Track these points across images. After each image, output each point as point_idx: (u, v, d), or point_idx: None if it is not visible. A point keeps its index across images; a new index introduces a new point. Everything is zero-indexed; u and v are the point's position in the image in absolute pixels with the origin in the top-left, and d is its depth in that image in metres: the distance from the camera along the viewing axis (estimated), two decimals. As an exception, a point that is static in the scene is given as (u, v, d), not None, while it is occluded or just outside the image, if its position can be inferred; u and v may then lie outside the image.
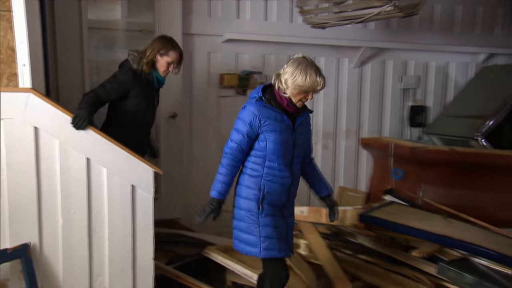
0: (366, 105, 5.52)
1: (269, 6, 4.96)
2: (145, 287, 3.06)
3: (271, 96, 2.72)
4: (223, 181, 2.76)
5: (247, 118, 2.69)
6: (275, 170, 2.76)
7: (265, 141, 2.71)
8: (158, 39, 3.37)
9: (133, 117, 3.33)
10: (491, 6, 5.85)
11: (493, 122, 4.76)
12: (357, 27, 5.06)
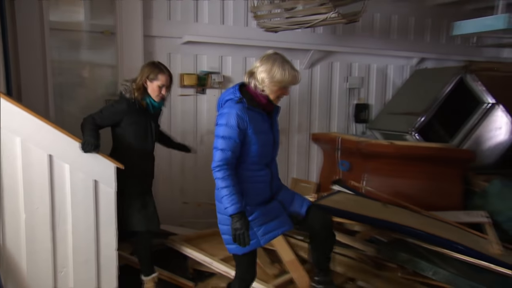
0: (316, 103, 5.54)
1: (226, 10, 4.90)
2: (109, 276, 3.01)
3: (249, 97, 2.46)
4: (233, 192, 2.36)
5: (233, 122, 2.37)
6: (255, 171, 2.54)
7: (249, 144, 2.45)
8: (146, 65, 3.21)
9: (132, 143, 3.17)
10: (421, 16, 6.01)
11: (424, 118, 4.88)
12: (307, 31, 5.08)
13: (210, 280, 3.53)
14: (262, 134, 2.47)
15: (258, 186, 2.56)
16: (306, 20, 3.92)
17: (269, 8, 4.27)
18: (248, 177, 2.51)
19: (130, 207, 3.17)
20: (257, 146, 2.45)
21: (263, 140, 2.48)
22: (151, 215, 3.25)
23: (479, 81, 4.99)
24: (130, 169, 3.07)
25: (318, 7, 3.69)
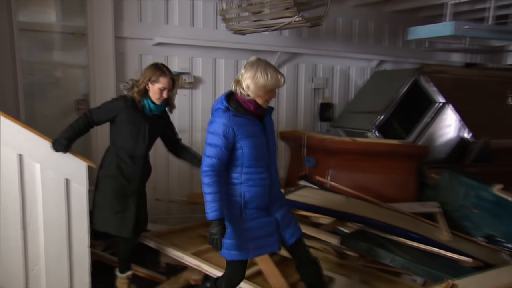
0: (283, 102, 5.53)
1: (196, 13, 4.84)
2: (82, 273, 2.93)
3: (236, 104, 2.42)
4: (215, 199, 2.37)
5: (220, 131, 2.36)
6: (254, 175, 2.47)
7: (241, 149, 2.40)
8: (149, 67, 3.02)
9: (122, 142, 3.01)
10: (380, 22, 6.08)
11: (383, 116, 4.95)
12: (274, 34, 5.09)
13: (182, 273, 3.48)
14: (254, 137, 2.42)
15: (258, 190, 2.49)
16: (273, 23, 3.94)
17: (237, 12, 4.26)
18: (248, 180, 2.46)
19: (109, 208, 3.00)
20: (250, 149, 2.41)
21: (255, 144, 2.43)
22: (127, 220, 3.03)
23: (431, 82, 5.10)
24: (116, 168, 2.98)
25: (284, 11, 3.72)
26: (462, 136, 5.16)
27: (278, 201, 2.65)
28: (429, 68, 5.31)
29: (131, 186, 3.06)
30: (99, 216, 3.03)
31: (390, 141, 4.61)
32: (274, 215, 2.57)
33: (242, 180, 2.45)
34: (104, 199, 3.00)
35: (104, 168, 3.04)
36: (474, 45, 4.45)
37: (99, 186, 3.02)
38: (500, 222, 3.73)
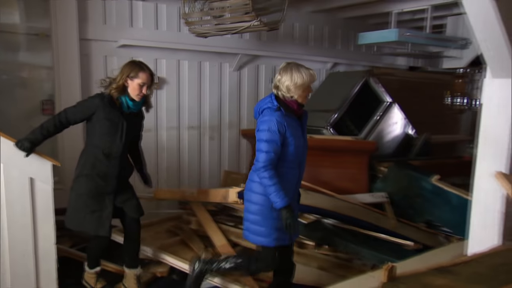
0: (244, 101, 5.56)
1: (159, 16, 4.77)
2: (48, 269, 2.84)
3: (283, 105, 2.51)
4: (280, 189, 2.43)
5: (275, 127, 2.43)
6: (290, 169, 2.55)
7: (287, 146, 2.48)
8: (127, 64, 2.91)
9: (99, 141, 2.86)
10: (334, 27, 6.19)
11: (337, 115, 5.03)
12: (235, 37, 5.09)
13: (149, 267, 3.47)
14: (296, 137, 2.51)
15: (288, 185, 2.54)
16: (233, 27, 3.94)
17: (199, 15, 4.23)
18: (283, 175, 2.51)
19: (84, 207, 2.87)
20: (293, 147, 2.49)
21: (296, 142, 2.51)
22: (104, 219, 2.90)
23: (379, 83, 5.22)
24: (91, 167, 2.85)
25: (243, 15, 3.73)
26: (406, 133, 5.30)
27: (298, 197, 2.76)
28: (377, 70, 5.46)
29: (107, 184, 2.90)
30: (74, 216, 2.90)
31: (344, 138, 4.71)
32: (295, 211, 2.61)
33: (285, 174, 2.51)
34: (78, 199, 2.87)
35: (78, 168, 2.91)
36: (415, 50, 4.64)
37: (74, 186, 2.89)
38: (438, 209, 3.91)
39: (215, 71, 5.24)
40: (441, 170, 4.22)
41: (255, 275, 2.90)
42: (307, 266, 3.27)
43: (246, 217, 2.67)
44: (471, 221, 2.10)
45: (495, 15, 1.62)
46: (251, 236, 2.64)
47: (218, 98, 5.32)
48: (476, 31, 1.75)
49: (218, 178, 5.35)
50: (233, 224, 3.72)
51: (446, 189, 3.79)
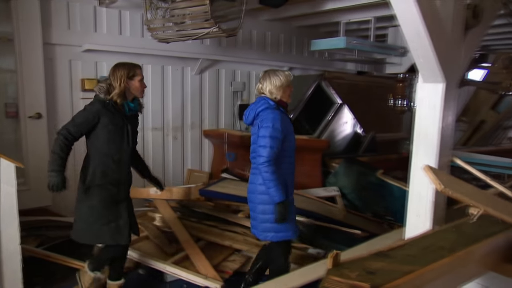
0: (206, 103, 5.54)
1: (123, 22, 4.68)
2: (13, 270, 2.71)
3: (280, 105, 2.62)
4: (278, 184, 2.48)
5: (278, 125, 2.49)
6: (288, 164, 2.64)
7: (288, 142, 2.58)
8: (118, 67, 2.63)
9: (106, 148, 2.61)
10: (289, 34, 6.30)
11: (292, 115, 5.10)
12: (197, 42, 5.07)
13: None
14: (292, 134, 2.63)
15: (290, 177, 2.66)
16: (193, 33, 3.94)
17: (161, 22, 4.19)
18: (286, 169, 2.61)
19: (99, 219, 2.63)
20: (291, 143, 2.60)
21: (292, 137, 2.63)
22: (122, 227, 2.68)
23: (331, 86, 5.36)
24: (102, 176, 2.60)
25: (203, 22, 3.74)
26: (355, 131, 5.45)
27: None
28: (329, 74, 5.57)
29: (119, 192, 2.71)
30: (88, 230, 2.65)
31: (300, 137, 4.78)
32: (294, 204, 2.73)
33: (286, 168, 2.61)
34: (92, 211, 2.62)
35: (87, 178, 2.62)
36: (361, 56, 4.80)
37: (84, 198, 2.62)
38: (382, 200, 4.07)
39: (177, 75, 5.20)
40: (385, 165, 4.41)
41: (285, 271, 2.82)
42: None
43: (254, 217, 2.69)
44: (408, 210, 2.22)
45: (424, 28, 1.74)
46: (262, 234, 2.65)
47: (181, 100, 5.29)
48: (408, 41, 1.86)
49: (182, 176, 5.32)
50: (196, 220, 3.71)
51: (389, 182, 3.95)
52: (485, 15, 1.98)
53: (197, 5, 3.66)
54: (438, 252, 1.42)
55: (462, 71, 2.08)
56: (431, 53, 1.85)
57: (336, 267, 1.22)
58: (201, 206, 3.89)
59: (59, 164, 2.51)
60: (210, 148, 5.55)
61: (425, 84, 2.05)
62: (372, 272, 1.23)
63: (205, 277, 3.00)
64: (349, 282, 1.12)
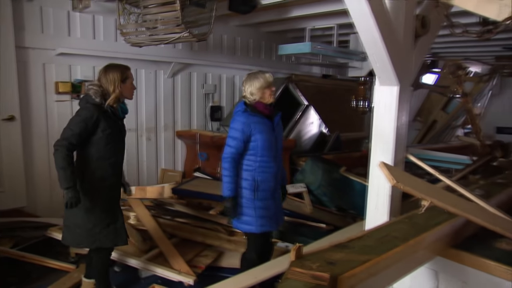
0: (178, 105, 5.50)
1: (97, 27, 4.59)
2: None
3: (251, 107, 2.66)
4: (231, 181, 2.62)
5: (239, 127, 2.60)
6: (265, 163, 2.65)
7: (256, 142, 2.61)
8: (110, 70, 2.50)
9: (103, 152, 2.49)
10: (257, 39, 6.34)
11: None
12: (169, 47, 5.03)
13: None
14: (264, 133, 2.62)
15: (266, 176, 2.67)
16: (165, 38, 3.92)
17: (133, 27, 4.14)
18: (260, 167, 2.64)
19: (99, 223, 2.53)
20: (262, 142, 2.61)
21: (265, 138, 2.62)
22: (120, 229, 2.63)
23: (297, 88, 5.44)
24: (100, 180, 2.50)
25: (174, 27, 3.72)
26: (321, 131, 5.54)
27: (279, 189, 2.84)
28: (296, 77, 5.66)
29: (116, 195, 2.66)
30: (87, 234, 2.52)
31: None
32: (277, 201, 2.79)
33: (256, 166, 2.64)
34: (90, 215, 2.50)
35: (84, 183, 2.48)
36: (326, 61, 4.90)
37: (80, 203, 2.42)
38: (346, 195, 4.16)
39: (150, 78, 5.13)
40: (349, 162, 4.51)
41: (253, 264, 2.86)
42: (236, 252, 3.32)
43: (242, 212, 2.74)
44: (367, 203, 2.28)
45: (379, 36, 1.79)
46: (239, 225, 2.74)
47: (154, 102, 5.22)
48: (366, 47, 1.91)
49: (156, 176, 5.25)
50: (170, 218, 3.68)
51: (351, 178, 4.03)
52: (432, 25, 2.06)
53: (169, 11, 3.63)
54: (392, 241, 1.47)
55: (414, 75, 2.16)
56: (386, 59, 1.91)
57: (299, 259, 1.25)
58: (174, 204, 3.85)
59: (72, 179, 2.34)
60: (183, 148, 5.51)
61: (382, 87, 2.11)
62: (332, 263, 1.26)
63: (179, 272, 2.98)
64: (310, 272, 1.15)
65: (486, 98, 8.43)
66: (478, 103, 8.18)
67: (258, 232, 2.71)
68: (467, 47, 6.62)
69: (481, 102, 8.40)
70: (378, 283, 1.38)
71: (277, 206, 2.83)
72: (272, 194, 2.75)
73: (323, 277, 1.12)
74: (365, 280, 1.28)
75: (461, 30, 1.67)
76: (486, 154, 3.18)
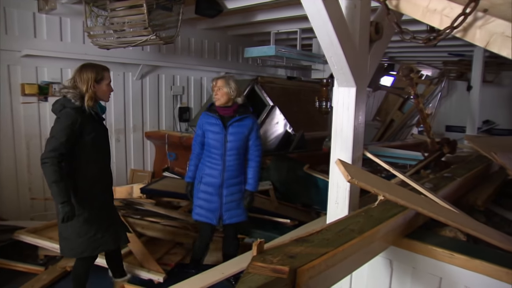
0: (147, 107, 5.39)
1: (64, 29, 4.41)
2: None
3: (211, 106, 2.87)
4: (190, 169, 2.92)
5: (199, 122, 2.88)
6: (211, 159, 2.79)
7: (207, 139, 2.81)
8: (85, 69, 2.36)
9: (94, 155, 2.36)
10: (224, 42, 6.33)
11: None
12: (137, 49, 4.92)
13: (59, 262, 3.22)
14: (213, 133, 2.78)
15: (212, 171, 2.81)
16: (132, 40, 3.83)
17: (101, 29, 4.01)
18: (207, 162, 2.84)
19: (100, 228, 2.42)
20: (209, 140, 2.80)
21: (213, 136, 2.78)
22: (119, 230, 2.56)
23: (263, 90, 5.46)
24: (92, 185, 2.37)
25: (142, 30, 3.64)
26: (286, 131, 5.58)
27: (231, 187, 2.86)
28: (262, 79, 5.67)
29: (109, 196, 2.57)
30: (89, 242, 2.40)
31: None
32: (222, 197, 2.82)
33: (205, 161, 2.86)
34: (90, 223, 2.38)
35: (78, 191, 2.34)
36: (290, 63, 4.94)
37: (76, 212, 2.28)
38: (309, 191, 4.21)
39: (119, 80, 5.00)
40: (313, 160, 4.57)
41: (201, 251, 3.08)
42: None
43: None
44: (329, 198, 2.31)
45: (336, 40, 1.82)
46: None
47: (123, 104, 5.09)
48: (324, 50, 1.93)
49: (125, 176, 5.12)
50: (140, 217, 3.60)
51: (314, 175, 4.10)
52: (385, 31, 2.13)
53: (136, 14, 3.54)
54: (349, 234, 1.50)
55: (370, 77, 2.21)
56: (343, 62, 1.94)
57: (260, 254, 1.25)
58: (143, 204, 3.77)
59: (65, 192, 2.20)
60: (152, 148, 5.41)
61: (340, 88, 2.14)
62: (292, 256, 1.26)
63: (148, 270, 2.93)
64: (270, 266, 1.15)
65: (436, 99, 8.80)
66: (430, 103, 8.53)
67: (194, 218, 2.94)
68: (419, 52, 6.91)
69: (432, 103, 8.77)
70: (336, 274, 1.41)
71: (224, 204, 2.82)
72: (218, 190, 2.81)
73: (283, 270, 1.13)
74: (324, 271, 1.30)
75: (409, 36, 1.72)
76: (436, 151, 3.32)
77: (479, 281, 1.58)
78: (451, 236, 1.83)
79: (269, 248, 1.32)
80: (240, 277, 1.10)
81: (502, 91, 8.85)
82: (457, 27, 1.55)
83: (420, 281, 1.77)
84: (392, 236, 1.73)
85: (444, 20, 1.62)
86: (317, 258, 1.27)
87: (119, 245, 2.61)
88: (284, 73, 7.23)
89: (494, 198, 2.58)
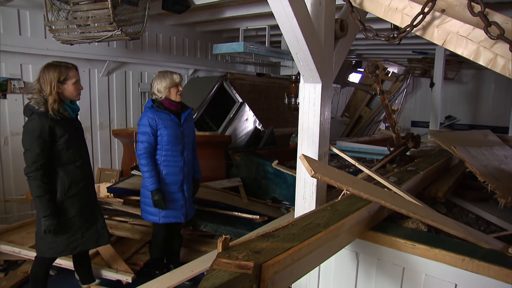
0: (114, 104, 5.24)
1: (22, 22, 4.18)
2: None
3: (158, 103, 2.73)
4: (152, 175, 2.65)
5: (146, 122, 2.65)
6: (170, 157, 2.71)
7: (161, 136, 2.66)
8: (47, 70, 2.28)
9: (69, 157, 2.33)
10: (193, 39, 6.23)
11: (198, 113, 5.08)
12: (103, 45, 4.76)
13: (21, 266, 3.08)
14: (170, 128, 2.68)
15: (173, 169, 2.73)
16: (97, 36, 3.69)
17: (63, 24, 3.83)
18: (165, 161, 2.71)
19: (81, 228, 2.43)
20: (166, 137, 2.67)
21: (170, 133, 2.67)
22: (100, 229, 2.55)
23: (232, 86, 5.44)
24: (72, 186, 2.36)
25: (107, 25, 3.52)
26: (256, 127, 5.59)
27: (190, 182, 2.89)
28: (231, 76, 5.65)
29: (91, 195, 2.54)
30: (69, 241, 2.40)
31: (203, 133, 4.80)
32: (185, 194, 2.80)
33: (161, 160, 2.71)
34: (71, 223, 2.39)
35: (57, 194, 2.34)
36: (259, 60, 4.95)
37: (58, 212, 2.31)
38: (279, 187, 4.24)
39: (84, 76, 4.80)
40: (282, 156, 4.60)
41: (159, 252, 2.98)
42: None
43: (141, 201, 2.84)
44: (296, 194, 2.34)
45: (301, 37, 1.84)
46: (146, 216, 2.82)
47: (89, 101, 4.91)
48: (290, 47, 1.94)
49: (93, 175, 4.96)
50: (107, 217, 3.50)
51: (282, 170, 4.12)
52: (350, 29, 2.17)
53: (100, 9, 3.42)
54: (315, 228, 1.52)
55: (335, 73, 2.25)
56: (309, 58, 1.96)
57: (226, 250, 1.24)
58: (112, 203, 3.67)
59: (48, 206, 2.26)
60: (120, 147, 5.26)
61: (306, 84, 2.16)
62: (257, 252, 1.26)
63: (116, 271, 2.86)
64: (235, 262, 1.14)
65: (402, 95, 9.10)
66: (396, 100, 8.80)
67: (161, 223, 2.80)
68: (385, 49, 7.10)
69: (398, 99, 9.06)
70: (302, 268, 1.42)
71: (187, 199, 2.87)
72: (180, 187, 2.80)
73: (248, 265, 1.13)
74: (289, 265, 1.31)
75: (372, 34, 1.76)
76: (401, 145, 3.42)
77: (438, 268, 1.65)
78: (413, 228, 1.90)
79: (234, 244, 1.32)
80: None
81: (462, 88, 9.29)
82: (417, 26, 1.60)
83: (385, 272, 1.82)
84: (357, 229, 1.77)
85: (405, 18, 1.68)
86: (282, 253, 1.28)
87: (99, 245, 2.61)
88: (254, 70, 7.23)
89: (454, 189, 2.69)
